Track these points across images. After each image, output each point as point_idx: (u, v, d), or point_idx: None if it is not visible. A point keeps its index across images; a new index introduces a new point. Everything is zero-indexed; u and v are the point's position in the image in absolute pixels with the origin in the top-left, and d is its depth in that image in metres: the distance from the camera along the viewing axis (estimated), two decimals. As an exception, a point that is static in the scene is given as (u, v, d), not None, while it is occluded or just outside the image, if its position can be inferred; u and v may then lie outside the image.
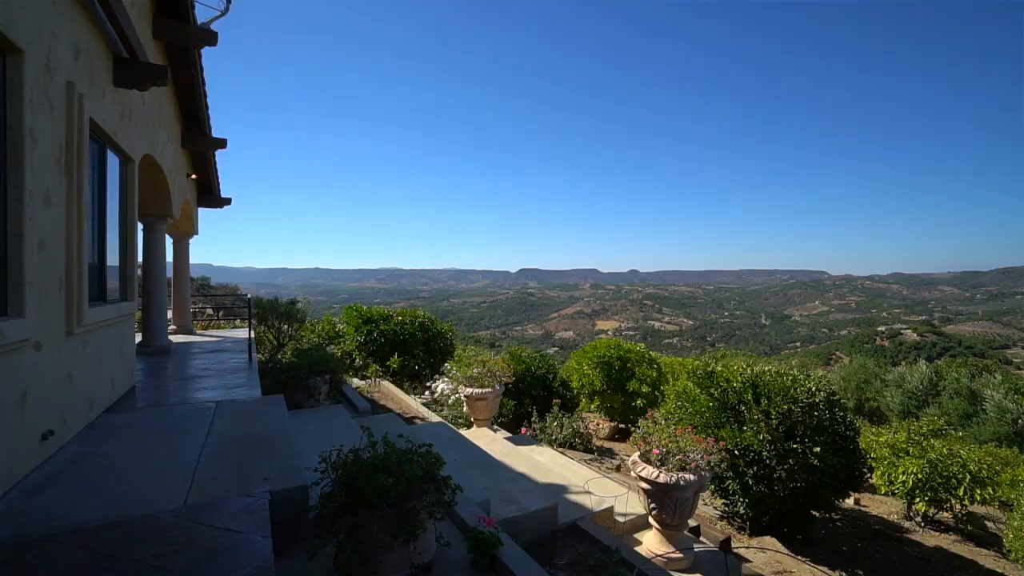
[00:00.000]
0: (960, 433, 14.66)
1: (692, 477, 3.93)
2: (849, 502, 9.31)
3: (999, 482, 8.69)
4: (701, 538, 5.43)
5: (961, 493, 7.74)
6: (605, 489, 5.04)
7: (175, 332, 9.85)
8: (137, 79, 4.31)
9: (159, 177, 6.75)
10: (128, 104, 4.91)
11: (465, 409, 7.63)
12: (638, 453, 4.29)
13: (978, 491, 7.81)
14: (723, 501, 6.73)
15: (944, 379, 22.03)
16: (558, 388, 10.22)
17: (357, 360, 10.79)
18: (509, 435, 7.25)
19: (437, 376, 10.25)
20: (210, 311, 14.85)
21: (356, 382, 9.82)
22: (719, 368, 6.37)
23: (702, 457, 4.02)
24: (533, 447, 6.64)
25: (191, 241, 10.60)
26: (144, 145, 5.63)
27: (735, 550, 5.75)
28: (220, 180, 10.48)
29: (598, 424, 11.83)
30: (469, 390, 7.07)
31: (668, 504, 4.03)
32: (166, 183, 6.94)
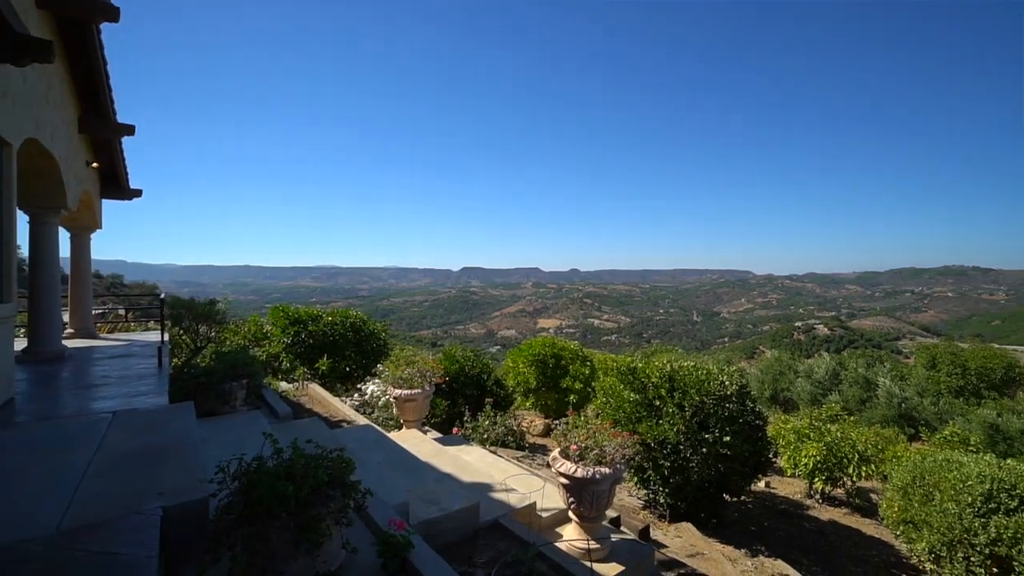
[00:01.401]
0: (854, 418, 16.23)
1: (607, 471, 4.09)
2: (760, 485, 10.06)
3: (882, 459, 9.72)
4: (621, 528, 5.67)
5: (851, 471, 8.59)
6: (528, 485, 5.14)
7: (72, 336, 8.97)
8: (10, 53, 3.86)
9: (49, 164, 6.11)
10: (3, 82, 4.41)
11: (395, 411, 7.50)
12: (558, 450, 4.41)
13: (864, 468, 8.69)
14: (645, 491, 7.06)
15: (845, 369, 24.29)
16: (492, 387, 10.29)
17: (284, 363, 10.32)
18: (439, 436, 7.21)
19: (369, 378, 10.01)
20: (121, 312, 13.65)
21: (283, 386, 9.39)
22: (640, 365, 6.67)
23: (617, 451, 4.19)
24: (463, 447, 6.65)
25: (96, 236, 9.69)
26: (27, 128, 5.08)
27: (654, 537, 6.07)
28: (128, 170, 9.65)
29: (532, 422, 12.03)
30: (397, 391, 6.96)
31: (586, 497, 4.17)
32: (57, 171, 6.30)
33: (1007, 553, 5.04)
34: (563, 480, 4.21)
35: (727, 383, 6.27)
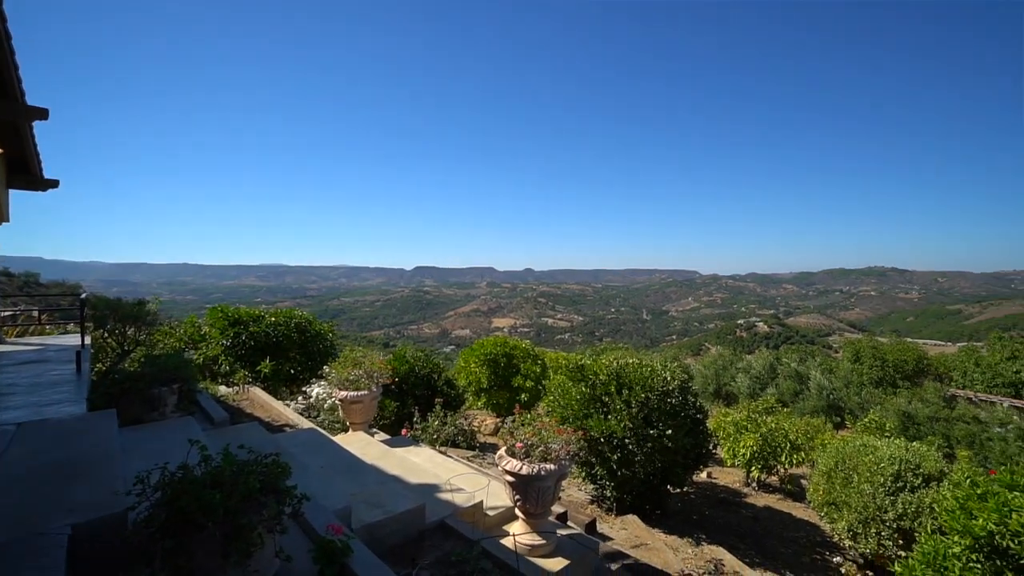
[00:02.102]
0: (788, 409, 17.24)
1: (552, 467, 4.15)
2: (702, 476, 10.53)
3: (812, 447, 10.41)
4: (568, 523, 5.78)
5: (783, 459, 9.14)
6: (476, 484, 5.14)
7: (-26, 340, 8.15)
8: None
9: (-58, 150, 5.51)
10: None
11: (341, 413, 7.30)
12: (504, 448, 4.44)
13: (795, 456, 9.27)
14: (593, 486, 7.22)
15: (781, 364, 25.83)
16: (442, 387, 10.20)
17: (223, 366, 9.81)
18: (387, 438, 7.08)
19: (315, 380, 9.68)
20: (34, 313, 12.50)
21: (222, 390, 8.92)
22: (588, 363, 6.82)
23: (562, 447, 4.27)
24: (411, 448, 6.56)
25: (4, 230, 8.82)
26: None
27: (600, 530, 6.22)
28: (42, 158, 8.83)
29: (483, 421, 12.03)
30: (343, 393, 6.77)
31: (531, 494, 4.22)
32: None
33: (910, 526, 5.53)
34: (509, 478, 4.24)
35: (670, 379, 6.52)
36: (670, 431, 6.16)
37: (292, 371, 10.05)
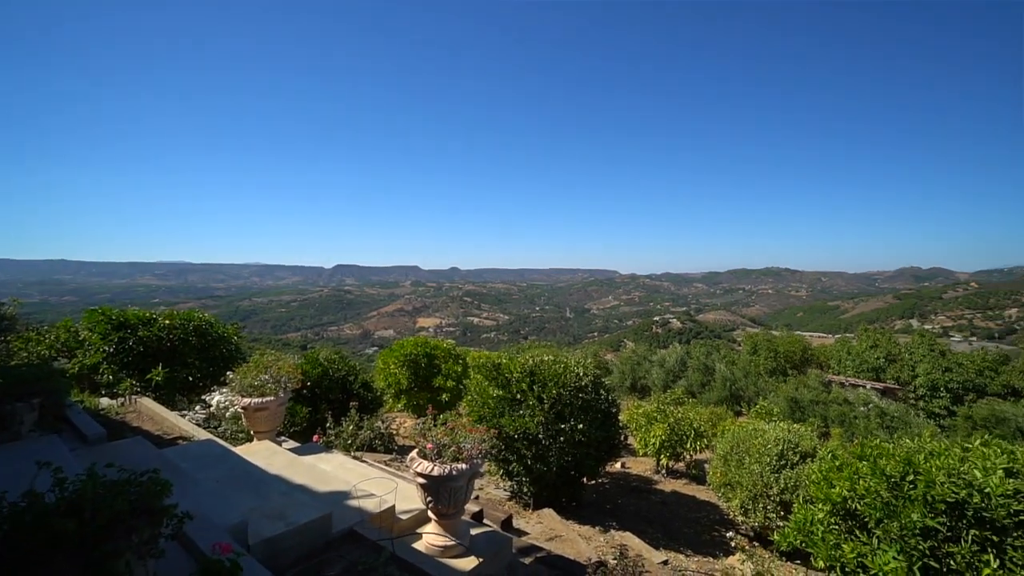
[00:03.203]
0: (695, 399, 18.57)
1: (464, 466, 4.15)
2: (616, 466, 11.04)
3: (714, 433, 11.29)
4: (484, 521, 5.81)
5: (689, 446, 9.83)
6: (389, 488, 5.02)
7: None
8: None
9: None
10: None
11: (244, 422, 6.81)
12: (416, 449, 4.37)
13: (699, 443, 10.00)
14: (510, 483, 7.31)
15: (691, 357, 27.76)
16: (359, 390, 9.86)
17: (106, 375, 8.78)
18: (297, 445, 6.71)
19: (216, 387, 8.93)
20: None
21: (104, 402, 7.96)
22: (504, 361, 6.90)
23: (473, 446, 4.28)
24: (321, 455, 6.27)
25: None
26: None
27: (516, 526, 6.32)
28: None
29: (403, 423, 11.79)
30: (247, 400, 6.32)
31: (443, 495, 4.18)
32: None
33: (789, 498, 6.18)
34: (420, 480, 4.18)
35: (582, 375, 6.76)
36: (582, 425, 6.39)
37: (190, 378, 9.21)
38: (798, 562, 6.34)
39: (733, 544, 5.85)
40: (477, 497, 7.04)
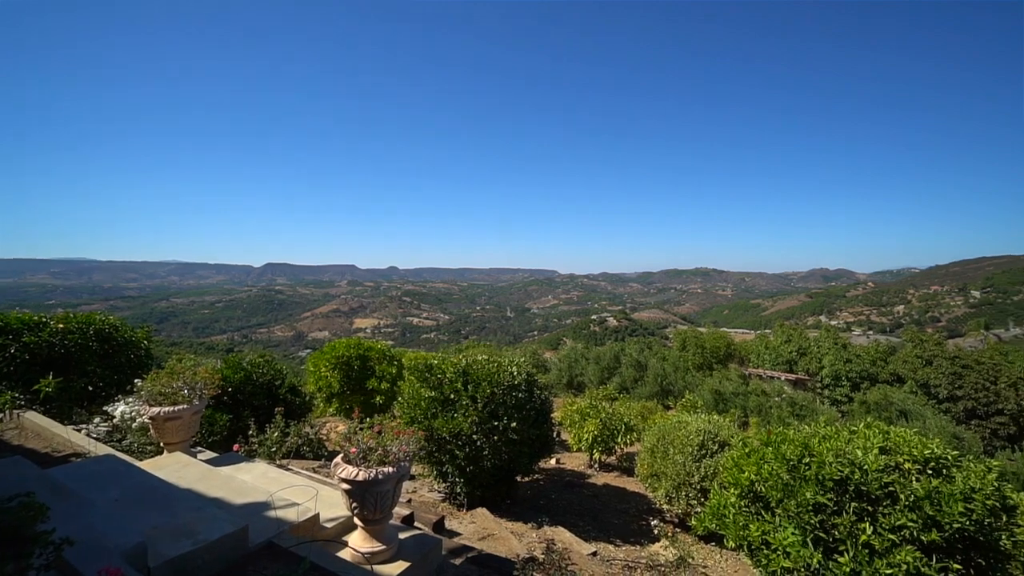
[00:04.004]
0: (627, 395, 19.29)
1: (391, 470, 4.06)
2: (552, 463, 11.25)
3: (645, 427, 11.79)
4: (416, 524, 5.73)
5: (619, 440, 10.20)
6: (313, 496, 4.83)
7: None
8: None
9: None
10: None
11: (153, 433, 6.29)
12: (341, 455, 4.23)
13: (630, 436, 10.41)
14: (444, 484, 7.26)
15: (625, 354, 28.84)
16: (286, 395, 9.39)
17: (-18, 387, 7.79)
18: (214, 456, 6.30)
19: (121, 397, 8.18)
20: None
21: (-21, 418, 7.05)
22: (436, 362, 6.84)
23: (400, 449, 4.20)
24: (242, 465, 5.92)
25: None
26: None
27: (449, 527, 6.27)
28: None
29: (335, 427, 11.38)
30: (155, 409, 5.84)
31: (369, 500, 4.08)
32: None
33: (708, 485, 6.58)
34: (345, 486, 4.05)
35: (516, 374, 6.84)
36: (516, 424, 6.46)
37: (90, 388, 8.36)
38: (713, 544, 6.77)
39: (657, 532, 6.15)
40: (409, 500, 6.93)
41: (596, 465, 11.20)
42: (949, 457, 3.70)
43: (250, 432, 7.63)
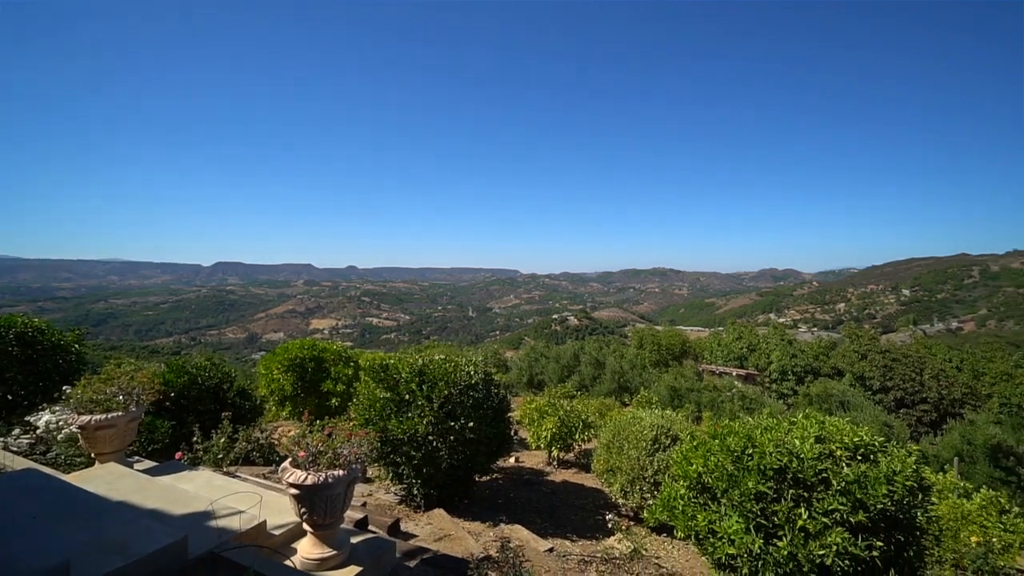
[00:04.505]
0: (586, 392, 19.59)
1: (341, 473, 3.97)
2: (511, 461, 11.29)
3: (602, 424, 12.01)
4: (370, 528, 5.62)
5: (577, 437, 10.35)
6: (263, 503, 4.65)
7: None
8: None
9: None
10: None
11: (84, 443, 5.88)
12: (289, 459, 4.10)
13: (588, 433, 10.58)
14: (400, 486, 7.16)
15: (584, 352, 29.29)
16: (234, 398, 9.01)
17: None
18: (154, 465, 5.96)
19: (47, 405, 7.61)
20: None
21: None
22: (392, 362, 6.73)
23: (351, 451, 4.11)
24: (184, 474, 5.63)
25: None
26: None
27: (405, 529, 6.18)
28: None
29: (287, 431, 11.00)
30: (85, 418, 5.46)
31: (319, 505, 3.96)
32: None
33: (661, 478, 6.77)
34: (293, 491, 3.92)
35: (472, 373, 6.81)
36: (472, 423, 6.44)
37: (9, 397, 7.75)
38: (665, 535, 6.98)
39: (611, 526, 6.27)
40: (364, 504, 6.78)
41: (555, 462, 11.32)
42: (876, 443, 3.96)
43: (194, 439, 7.27)
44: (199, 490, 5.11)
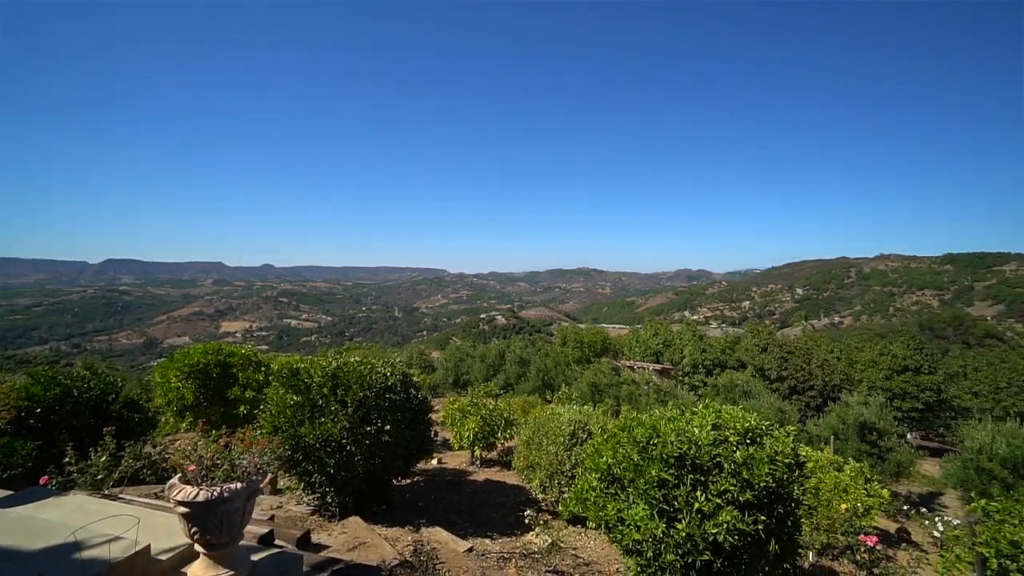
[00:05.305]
0: (511, 392, 19.79)
1: (239, 486, 3.68)
2: (433, 463, 11.13)
3: (525, 421, 12.18)
4: (276, 542, 5.27)
5: (499, 436, 10.42)
6: (147, 525, 4.20)
7: None
8: None
9: None
10: None
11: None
12: (177, 475, 3.73)
13: (510, 431, 10.68)
14: (313, 496, 6.80)
15: (510, 351, 29.62)
16: (120, 411, 8.09)
17: None
18: (8, 494, 5.18)
19: None
20: None
21: None
22: (303, 366, 6.39)
23: (251, 462, 3.83)
24: (49, 501, 4.94)
25: None
26: None
27: (317, 540, 5.88)
28: None
29: (188, 444, 10.10)
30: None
31: (213, 522, 3.65)
32: None
33: (578, 472, 6.99)
34: (182, 509, 3.57)
35: (389, 375, 6.62)
36: (389, 426, 6.26)
37: None
38: (580, 526, 7.22)
39: (527, 521, 6.37)
40: (272, 517, 6.36)
41: (478, 462, 11.32)
42: (763, 427, 4.34)
43: (66, 459, 6.44)
44: (67, 518, 4.51)
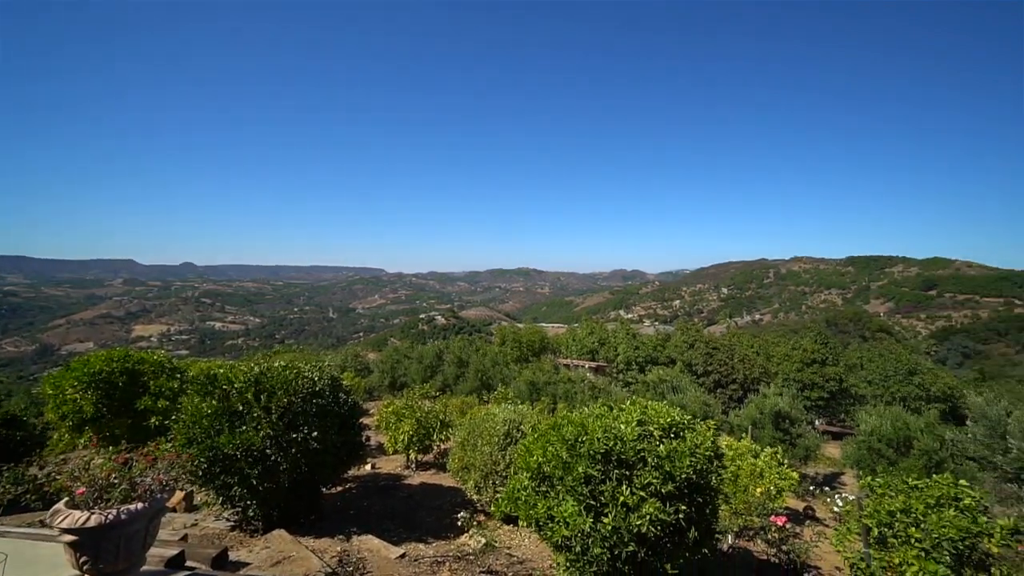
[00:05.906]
0: (449, 394, 19.61)
1: (140, 506, 3.38)
2: (367, 468, 10.80)
3: (461, 423, 12.11)
4: (188, 563, 4.89)
5: (435, 438, 10.29)
6: (25, 558, 3.76)
7: None
8: None
9: None
10: None
11: None
12: (64, 499, 3.36)
13: (445, 432, 10.57)
14: (233, 510, 6.38)
15: (448, 351, 29.35)
16: None
17: None
18: None
19: None
20: None
21: None
22: (222, 371, 5.98)
23: (155, 479, 3.53)
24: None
25: None
26: None
27: (236, 557, 5.51)
28: None
29: (90, 462, 9.15)
30: None
31: (108, 549, 3.32)
32: None
33: (510, 472, 7.04)
34: (68, 537, 3.22)
35: (317, 379, 6.34)
36: (317, 432, 5.99)
37: None
38: (512, 525, 7.27)
39: (460, 523, 6.33)
40: (185, 536, 5.90)
41: (413, 465, 11.11)
42: (685, 421, 4.57)
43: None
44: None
